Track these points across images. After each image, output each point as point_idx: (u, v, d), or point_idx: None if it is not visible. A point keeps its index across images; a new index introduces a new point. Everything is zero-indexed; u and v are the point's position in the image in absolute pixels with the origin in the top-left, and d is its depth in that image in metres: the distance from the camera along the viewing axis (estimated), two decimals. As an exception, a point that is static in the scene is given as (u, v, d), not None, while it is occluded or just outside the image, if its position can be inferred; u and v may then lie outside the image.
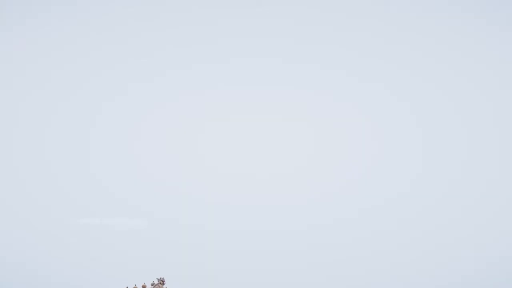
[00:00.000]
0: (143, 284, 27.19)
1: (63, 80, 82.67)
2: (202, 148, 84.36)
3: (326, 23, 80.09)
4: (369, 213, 72.09)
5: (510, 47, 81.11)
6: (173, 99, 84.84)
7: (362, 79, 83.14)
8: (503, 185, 74.38)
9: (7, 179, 71.05)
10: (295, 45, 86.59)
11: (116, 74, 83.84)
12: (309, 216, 75.56)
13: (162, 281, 27.17)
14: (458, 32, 78.09)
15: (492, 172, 77.00)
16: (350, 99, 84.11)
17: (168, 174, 53.79)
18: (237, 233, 67.46)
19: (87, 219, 45.38)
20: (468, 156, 77.19)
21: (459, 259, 52.11)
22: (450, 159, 79.01)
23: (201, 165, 77.58)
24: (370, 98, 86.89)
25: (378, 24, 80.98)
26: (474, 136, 79.25)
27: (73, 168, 74.02)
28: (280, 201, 76.28)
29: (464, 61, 79.30)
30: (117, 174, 54.05)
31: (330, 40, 79.99)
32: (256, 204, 74.36)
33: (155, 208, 44.90)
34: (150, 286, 27.27)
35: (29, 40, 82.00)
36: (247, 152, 78.73)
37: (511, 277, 58.30)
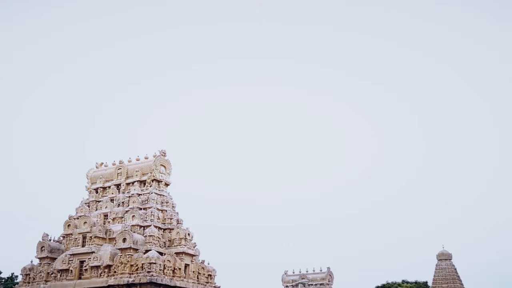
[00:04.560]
0: (145, 155, 30.75)
1: (63, 80, 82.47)
2: (202, 147, 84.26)
3: (326, 23, 79.81)
4: (369, 213, 72.32)
5: (510, 47, 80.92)
6: (173, 99, 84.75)
7: (362, 79, 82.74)
8: (502, 185, 74.48)
9: (7, 179, 71.14)
10: (295, 45, 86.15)
11: (116, 74, 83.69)
12: (309, 216, 75.78)
13: (163, 153, 30.01)
14: (458, 32, 77.84)
15: (492, 172, 76.94)
16: (350, 99, 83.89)
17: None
18: (237, 230, 67.73)
19: (87, 218, 45.39)
20: (468, 156, 77.09)
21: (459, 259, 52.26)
22: (450, 159, 78.94)
23: (201, 165, 77.59)
24: (370, 98, 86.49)
25: (378, 24, 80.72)
26: (474, 136, 79.07)
27: (73, 168, 74.03)
28: (280, 200, 76.46)
29: (464, 61, 79.05)
30: (117, 174, 54.14)
31: (330, 40, 79.78)
32: (255, 204, 74.62)
33: (155, 208, 45.06)
34: (152, 157, 30.35)
35: (29, 40, 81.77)
36: (247, 152, 78.72)
37: (511, 277, 58.64)
